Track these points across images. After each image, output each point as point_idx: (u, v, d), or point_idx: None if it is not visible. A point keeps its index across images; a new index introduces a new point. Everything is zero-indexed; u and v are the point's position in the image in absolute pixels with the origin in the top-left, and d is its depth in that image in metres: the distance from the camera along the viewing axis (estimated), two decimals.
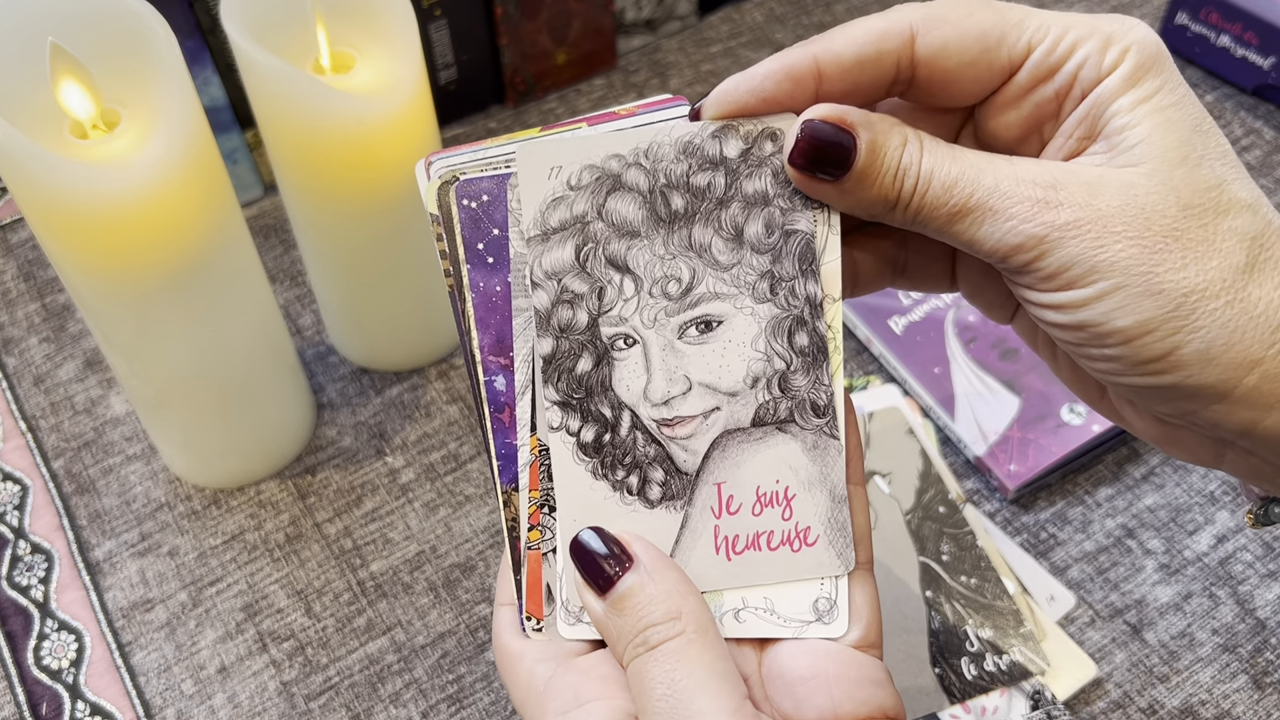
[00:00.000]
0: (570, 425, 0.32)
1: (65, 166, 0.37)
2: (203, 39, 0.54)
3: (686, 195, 0.32)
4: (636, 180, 0.32)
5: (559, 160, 0.32)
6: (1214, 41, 0.63)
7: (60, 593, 0.48)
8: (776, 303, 0.32)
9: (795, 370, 0.32)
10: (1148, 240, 0.28)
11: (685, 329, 0.32)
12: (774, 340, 0.32)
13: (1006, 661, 0.43)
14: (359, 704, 0.44)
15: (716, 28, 0.69)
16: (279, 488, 0.50)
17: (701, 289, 0.32)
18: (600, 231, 0.32)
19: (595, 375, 0.32)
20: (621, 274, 0.32)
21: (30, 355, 0.55)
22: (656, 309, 0.32)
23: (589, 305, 0.32)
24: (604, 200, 0.32)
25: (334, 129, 0.43)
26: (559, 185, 0.32)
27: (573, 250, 0.32)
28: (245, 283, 0.45)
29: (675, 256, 0.32)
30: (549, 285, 0.32)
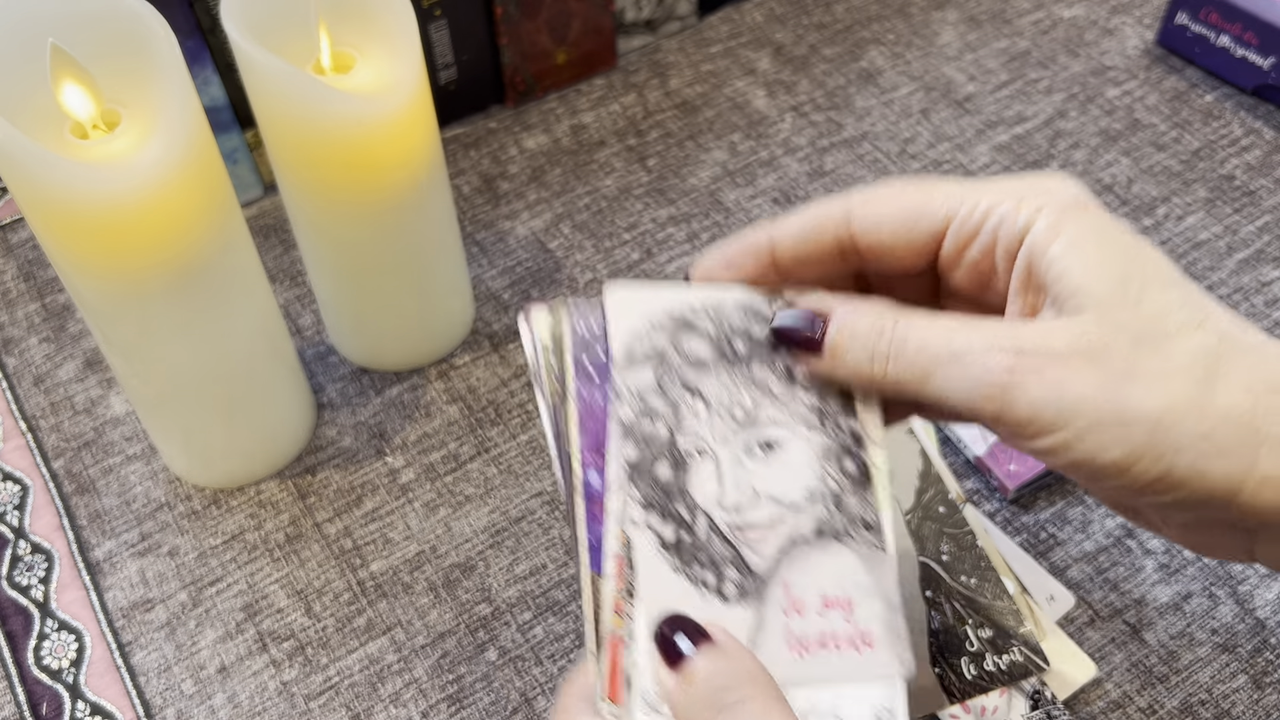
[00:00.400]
0: (652, 523, 0.36)
1: (65, 166, 0.37)
2: (203, 39, 0.54)
3: (747, 342, 0.38)
4: (706, 326, 0.38)
5: (644, 304, 0.38)
6: (1214, 41, 0.63)
7: (60, 592, 0.48)
8: (825, 432, 0.37)
9: (845, 491, 0.37)
10: (1107, 376, 0.30)
11: (751, 448, 0.37)
12: (826, 464, 0.37)
13: (1006, 661, 0.43)
14: (359, 704, 0.44)
15: (716, 28, 0.69)
16: (279, 488, 0.50)
17: (762, 415, 0.37)
18: (676, 362, 0.38)
19: (675, 481, 0.36)
20: (694, 397, 0.37)
21: (30, 355, 0.55)
22: (726, 429, 0.37)
23: (668, 421, 0.37)
24: (679, 338, 0.38)
25: (334, 129, 0.43)
26: (643, 324, 0.38)
27: (653, 375, 0.37)
28: (245, 283, 0.45)
29: (739, 388, 0.37)
30: (634, 402, 0.37)
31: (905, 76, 0.66)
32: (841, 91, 0.65)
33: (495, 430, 0.52)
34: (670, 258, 0.58)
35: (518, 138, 0.64)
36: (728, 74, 0.67)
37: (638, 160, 0.62)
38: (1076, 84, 0.65)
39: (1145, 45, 0.67)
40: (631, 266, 0.58)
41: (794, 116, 0.64)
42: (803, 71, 0.67)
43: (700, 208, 0.60)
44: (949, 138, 0.63)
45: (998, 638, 0.43)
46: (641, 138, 0.63)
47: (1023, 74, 0.66)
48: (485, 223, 0.60)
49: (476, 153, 0.63)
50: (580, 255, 0.58)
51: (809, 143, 0.63)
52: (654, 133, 0.64)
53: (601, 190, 0.61)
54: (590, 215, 0.60)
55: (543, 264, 0.58)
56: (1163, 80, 0.65)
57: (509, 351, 0.55)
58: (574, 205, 0.60)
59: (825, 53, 0.68)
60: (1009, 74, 0.66)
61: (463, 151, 0.63)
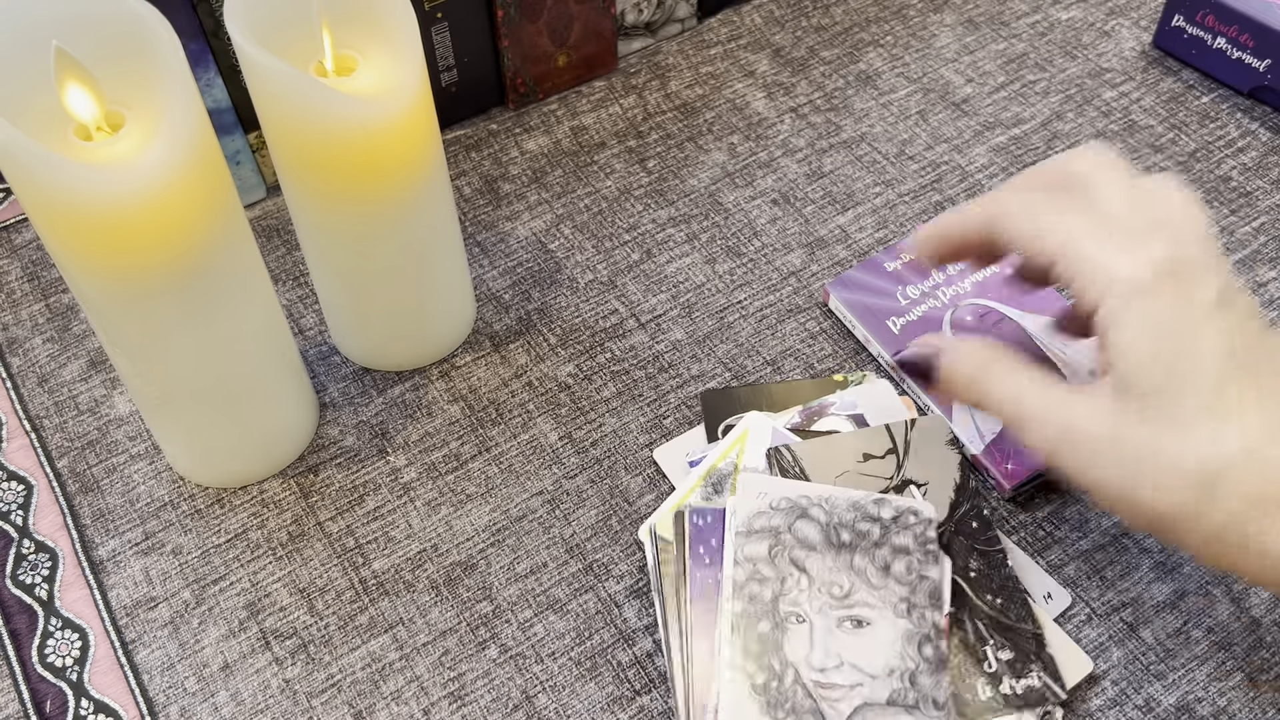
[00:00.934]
0: (747, 668, 0.42)
1: (69, 168, 0.37)
2: (206, 41, 0.54)
3: (852, 534, 0.44)
4: (818, 515, 0.45)
5: (767, 489, 0.46)
6: (1210, 44, 0.64)
7: (64, 591, 0.48)
8: (911, 620, 0.43)
9: (921, 671, 0.42)
10: (1126, 471, 0.36)
11: (842, 621, 0.43)
12: (907, 646, 0.42)
13: (1023, 686, 0.43)
14: (361, 701, 0.45)
15: (716, 30, 0.69)
16: (282, 487, 0.51)
17: (856, 597, 0.43)
18: (789, 541, 0.44)
19: (771, 636, 0.42)
20: (800, 572, 0.44)
21: (34, 355, 0.56)
22: (823, 601, 0.43)
23: (773, 587, 0.43)
24: (794, 521, 0.45)
25: (336, 131, 0.43)
26: (764, 504, 0.45)
27: (766, 547, 0.44)
28: (248, 284, 0.45)
29: (840, 571, 0.44)
30: (746, 565, 0.44)
31: (903, 78, 0.66)
32: (840, 93, 0.66)
33: (496, 430, 0.52)
34: (670, 258, 0.58)
35: (518, 139, 0.64)
36: (727, 76, 0.67)
37: (638, 162, 0.63)
38: (1073, 86, 0.65)
39: (1142, 47, 0.67)
40: (631, 267, 0.58)
41: (793, 118, 0.65)
42: (801, 73, 0.67)
43: (700, 209, 0.60)
44: (947, 139, 0.63)
45: (1017, 660, 0.43)
46: (641, 139, 0.64)
47: (1020, 76, 0.66)
48: (486, 223, 0.60)
49: (478, 154, 0.63)
50: (581, 256, 0.58)
51: (808, 144, 0.63)
52: (654, 134, 0.64)
53: (602, 191, 0.61)
54: (591, 216, 0.60)
55: (543, 264, 0.58)
56: (1159, 82, 0.65)
57: (510, 351, 0.55)
58: (574, 206, 0.61)
59: (824, 55, 0.68)
60: (1006, 76, 0.66)
61: (464, 153, 0.64)
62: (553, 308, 0.56)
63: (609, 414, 0.52)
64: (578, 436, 0.52)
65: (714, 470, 0.48)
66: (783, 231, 0.59)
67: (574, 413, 0.53)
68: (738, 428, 0.49)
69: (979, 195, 0.60)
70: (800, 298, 0.56)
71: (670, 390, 0.53)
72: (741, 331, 0.55)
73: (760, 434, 0.49)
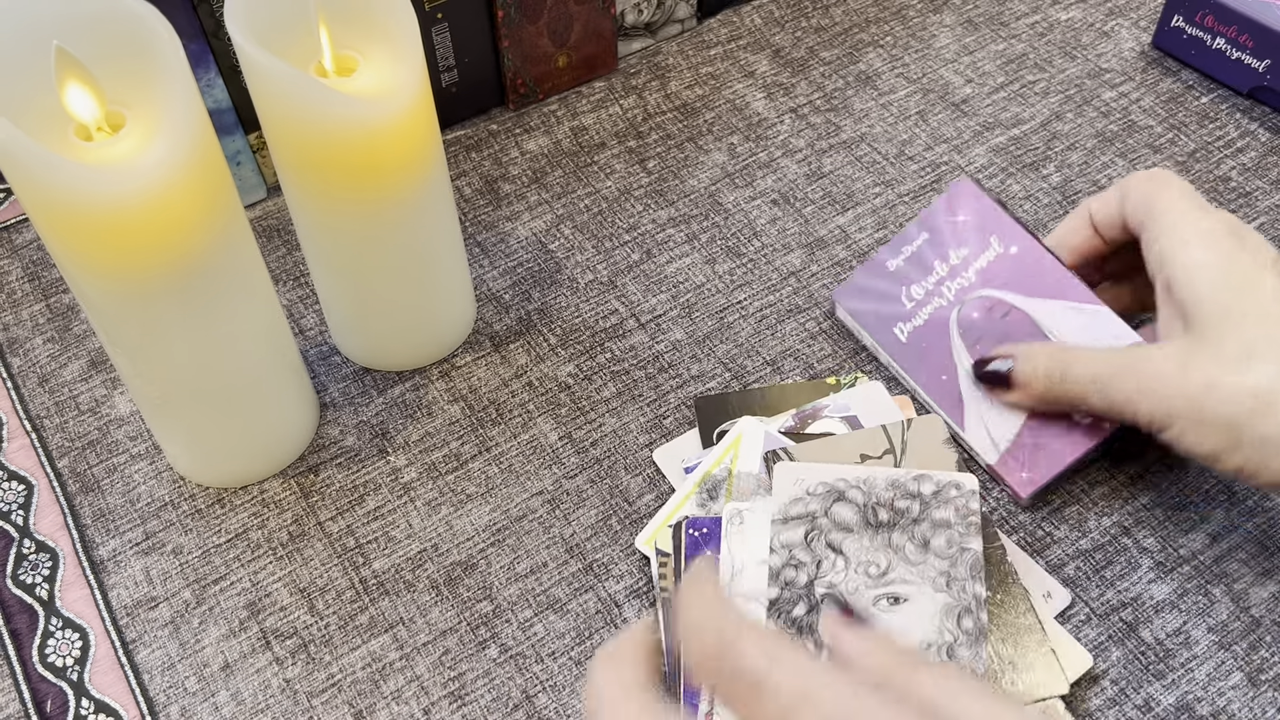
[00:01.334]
0: None
1: (69, 168, 0.37)
2: (206, 42, 0.54)
3: (890, 512, 0.45)
4: (855, 497, 0.45)
5: (803, 475, 0.46)
6: (1209, 44, 0.64)
7: (65, 591, 0.48)
8: (950, 594, 0.43)
9: (960, 644, 0.42)
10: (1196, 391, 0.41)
11: (879, 600, 0.43)
12: (946, 620, 0.42)
13: (1024, 681, 0.43)
14: (361, 701, 0.45)
15: (716, 31, 0.69)
16: (282, 487, 0.51)
17: (894, 574, 0.43)
18: (825, 525, 0.45)
19: (806, 620, 0.43)
20: (836, 554, 0.44)
21: (35, 355, 0.56)
22: (859, 582, 0.43)
23: (809, 571, 0.44)
24: (830, 505, 0.45)
25: (337, 131, 0.43)
26: (800, 490, 0.45)
27: (803, 533, 0.44)
28: (249, 284, 0.45)
29: (877, 550, 0.44)
30: (782, 553, 0.44)
31: (903, 79, 0.66)
32: (839, 94, 0.66)
33: (496, 430, 0.52)
34: (670, 258, 0.58)
35: (519, 140, 0.64)
36: (727, 76, 0.67)
37: (638, 162, 0.63)
38: (1073, 86, 0.65)
39: (1141, 48, 0.67)
40: (631, 267, 0.58)
41: (792, 118, 0.65)
42: (801, 74, 0.67)
43: (700, 209, 0.60)
44: (946, 139, 0.63)
45: (1016, 655, 0.43)
46: (641, 140, 0.64)
47: (1019, 76, 0.66)
48: (486, 224, 0.60)
49: (478, 154, 0.64)
50: (581, 256, 0.59)
51: (807, 144, 0.63)
52: (654, 135, 0.64)
53: (602, 192, 0.62)
54: (591, 216, 0.60)
55: (544, 265, 0.58)
56: (1159, 82, 0.65)
57: (510, 352, 0.55)
58: (575, 206, 0.61)
59: (823, 55, 0.68)
60: (1005, 76, 0.66)
61: (464, 153, 0.64)
62: (553, 308, 0.57)
63: (609, 414, 0.53)
64: (578, 436, 0.52)
65: (708, 476, 0.48)
66: (783, 232, 0.59)
67: (574, 413, 0.53)
68: (731, 433, 0.49)
69: None
70: (800, 298, 0.56)
71: (670, 390, 0.53)
72: (741, 332, 0.55)
73: (754, 439, 0.49)
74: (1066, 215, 0.50)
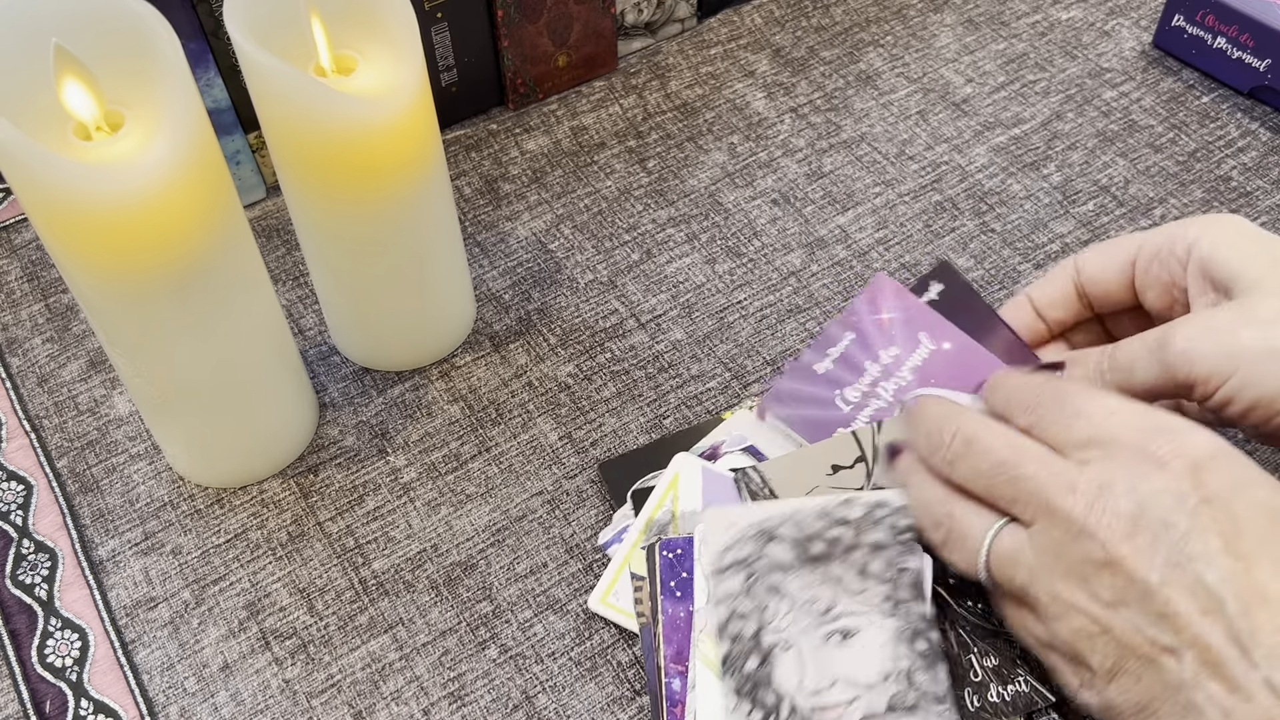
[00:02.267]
0: (743, 710, 0.40)
1: (68, 168, 0.37)
2: (206, 41, 0.54)
3: (824, 544, 0.43)
4: (787, 533, 0.43)
5: (733, 520, 0.44)
6: (1210, 44, 0.64)
7: (64, 591, 0.48)
8: (898, 618, 0.42)
9: (917, 668, 0.41)
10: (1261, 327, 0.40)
11: (829, 637, 0.42)
12: (899, 645, 0.41)
13: (1011, 692, 0.42)
14: (361, 701, 0.45)
15: (716, 30, 0.69)
16: (281, 487, 0.51)
17: (839, 607, 0.42)
18: (762, 568, 0.43)
19: (761, 672, 0.41)
20: (778, 597, 0.42)
21: (34, 355, 0.56)
22: (806, 622, 0.42)
23: (755, 620, 0.42)
24: (764, 546, 0.43)
25: (336, 131, 0.43)
26: (732, 536, 0.44)
27: (742, 580, 0.43)
28: (248, 284, 0.45)
29: (818, 585, 0.42)
30: (724, 605, 0.42)
31: (903, 79, 0.66)
32: (840, 93, 0.66)
33: (496, 430, 0.52)
34: (670, 259, 0.58)
35: (518, 139, 0.64)
36: (727, 76, 0.67)
37: (638, 162, 0.63)
38: (1073, 86, 0.65)
39: (1142, 47, 0.67)
40: (631, 267, 0.58)
41: (793, 118, 0.65)
42: (801, 74, 0.67)
43: (700, 209, 0.60)
44: (947, 139, 0.63)
45: (1003, 667, 0.42)
46: (641, 139, 0.64)
47: (1020, 76, 0.66)
48: (486, 224, 0.60)
49: (478, 154, 0.63)
50: (581, 256, 0.58)
51: (808, 144, 0.63)
52: (654, 134, 0.64)
53: (602, 191, 0.61)
54: (591, 216, 0.60)
55: (543, 265, 0.58)
56: (1159, 82, 0.65)
57: (510, 351, 0.55)
58: (574, 206, 0.61)
59: (824, 55, 0.68)
60: (1006, 76, 0.66)
61: (464, 153, 0.64)
62: (553, 308, 0.56)
63: (609, 414, 0.52)
64: (578, 436, 0.52)
65: (652, 522, 0.47)
66: (783, 231, 0.59)
67: (574, 413, 0.53)
68: (667, 472, 0.48)
69: (977, 194, 0.60)
70: (800, 298, 0.56)
71: (670, 390, 0.53)
72: (741, 331, 0.55)
73: (692, 475, 0.48)
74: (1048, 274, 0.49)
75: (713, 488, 0.47)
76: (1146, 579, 0.34)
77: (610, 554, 0.47)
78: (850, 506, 0.44)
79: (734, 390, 0.53)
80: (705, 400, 0.53)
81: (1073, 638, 0.36)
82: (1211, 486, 0.35)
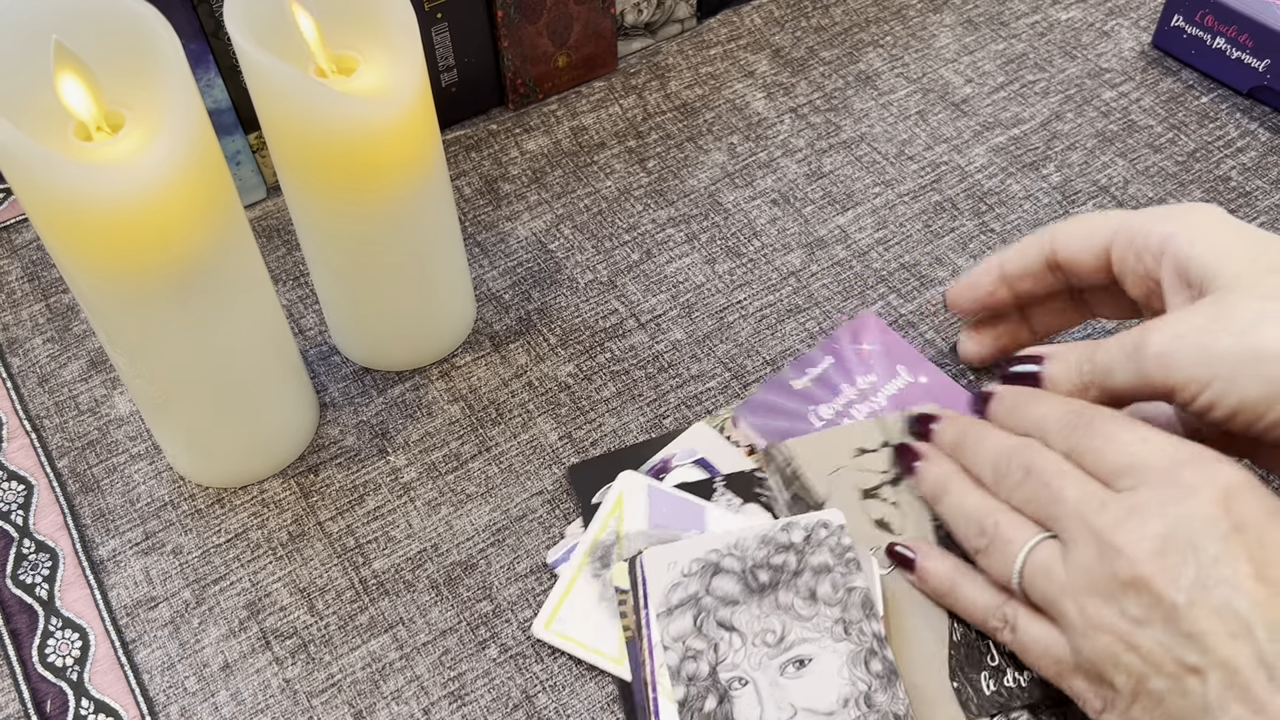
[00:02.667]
0: None
1: (69, 168, 0.37)
2: (206, 41, 0.54)
3: (770, 571, 0.43)
4: (732, 565, 0.43)
5: (674, 557, 0.44)
6: (1209, 44, 0.64)
7: (65, 591, 0.48)
8: (851, 640, 0.42)
9: (875, 690, 0.41)
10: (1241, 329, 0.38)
11: (785, 668, 0.41)
12: (855, 669, 0.41)
13: (1028, 677, 0.42)
14: (361, 701, 0.45)
15: (716, 30, 0.69)
16: (282, 486, 0.51)
17: (792, 636, 0.42)
18: (710, 604, 0.43)
19: (720, 711, 0.41)
20: (730, 632, 0.42)
21: (35, 355, 0.56)
22: (760, 655, 0.42)
23: (708, 658, 0.42)
24: (710, 580, 0.43)
25: (336, 131, 0.43)
26: (676, 575, 0.44)
27: (691, 619, 0.43)
28: (249, 284, 0.45)
29: (768, 615, 0.42)
30: (676, 647, 0.42)
31: (903, 79, 0.66)
32: (839, 94, 0.66)
33: (496, 430, 0.52)
34: (670, 258, 0.58)
35: (518, 140, 0.64)
36: (727, 76, 0.67)
37: (638, 162, 0.63)
38: (1073, 86, 0.65)
39: (1141, 48, 0.67)
40: (631, 267, 0.58)
41: (792, 118, 0.65)
42: (801, 74, 0.67)
43: (700, 209, 0.60)
44: (946, 139, 0.63)
45: None
46: (641, 140, 0.64)
47: (1019, 76, 0.66)
48: (486, 224, 0.60)
49: (478, 154, 0.64)
50: (581, 256, 0.59)
51: (807, 144, 0.63)
52: (654, 135, 0.64)
53: (602, 192, 0.61)
54: (590, 216, 0.60)
55: (543, 265, 0.58)
56: (1159, 82, 0.65)
57: (510, 351, 0.55)
58: (574, 206, 0.61)
59: (823, 55, 0.68)
60: (1006, 76, 0.66)
61: (464, 153, 0.64)
62: (553, 308, 0.57)
63: (609, 414, 0.53)
64: (578, 436, 0.52)
65: (597, 544, 0.47)
66: (782, 231, 0.59)
67: (574, 413, 0.53)
68: (611, 492, 0.48)
69: (976, 194, 0.60)
70: (800, 298, 0.56)
71: (670, 390, 0.53)
72: (741, 331, 0.55)
73: (636, 494, 0.48)
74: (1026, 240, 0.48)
75: (659, 506, 0.47)
76: (1175, 599, 0.34)
77: (558, 573, 0.47)
78: (791, 531, 0.44)
79: (734, 390, 0.53)
80: (705, 400, 0.53)
81: (1098, 655, 0.36)
82: (1242, 514, 0.35)
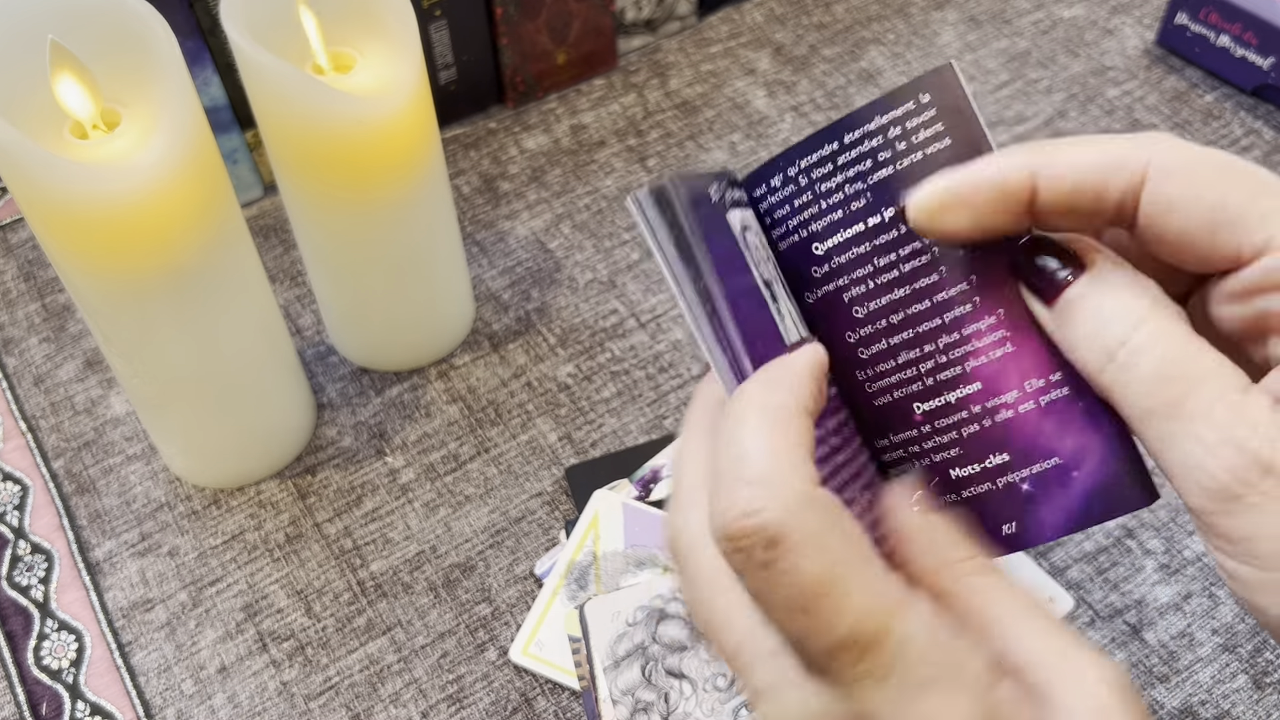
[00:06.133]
0: None
1: (65, 167, 0.37)
2: (203, 39, 0.54)
3: None
4: (677, 610, 0.43)
5: (618, 607, 0.43)
6: (1214, 41, 0.63)
7: (60, 593, 0.48)
8: None
9: None
10: None
11: (738, 712, 0.41)
12: None
13: None
14: (359, 704, 0.44)
15: (716, 28, 0.69)
16: (279, 488, 0.50)
17: None
18: (657, 652, 0.42)
19: None
20: (679, 680, 0.41)
21: (30, 355, 0.55)
22: (711, 700, 0.41)
23: (659, 709, 0.41)
24: (655, 628, 0.42)
25: (334, 129, 0.43)
26: (621, 625, 0.43)
27: (639, 669, 0.42)
28: (245, 283, 0.45)
29: (718, 659, 0.41)
30: (626, 700, 0.41)
31: (905, 77, 0.66)
32: (841, 91, 0.65)
33: (495, 430, 0.52)
34: None
35: (518, 138, 0.64)
36: (728, 74, 0.67)
37: (638, 160, 0.62)
38: (1076, 84, 0.65)
39: (1145, 45, 0.67)
40: (631, 267, 0.58)
41: (794, 116, 0.64)
42: (803, 72, 0.67)
43: None
44: None
45: None
46: (641, 138, 0.64)
47: (1023, 74, 0.66)
48: (485, 223, 0.60)
49: (476, 153, 0.63)
50: (580, 255, 0.58)
51: None
52: (654, 133, 0.64)
53: (601, 190, 0.61)
54: (590, 215, 0.60)
55: (543, 264, 0.58)
56: (1162, 80, 0.65)
57: (509, 352, 0.55)
58: (574, 205, 0.60)
59: (825, 53, 0.68)
60: (1009, 74, 0.66)
61: (463, 152, 0.63)
62: (552, 308, 0.56)
63: (609, 414, 0.52)
64: (577, 437, 0.51)
65: (574, 564, 0.46)
66: None
67: (574, 413, 0.52)
68: (586, 512, 0.48)
69: None
70: None
71: (670, 390, 0.53)
72: None
73: (612, 513, 0.47)
74: None
75: (635, 525, 0.47)
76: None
77: (545, 582, 0.47)
78: None
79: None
80: None
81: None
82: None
